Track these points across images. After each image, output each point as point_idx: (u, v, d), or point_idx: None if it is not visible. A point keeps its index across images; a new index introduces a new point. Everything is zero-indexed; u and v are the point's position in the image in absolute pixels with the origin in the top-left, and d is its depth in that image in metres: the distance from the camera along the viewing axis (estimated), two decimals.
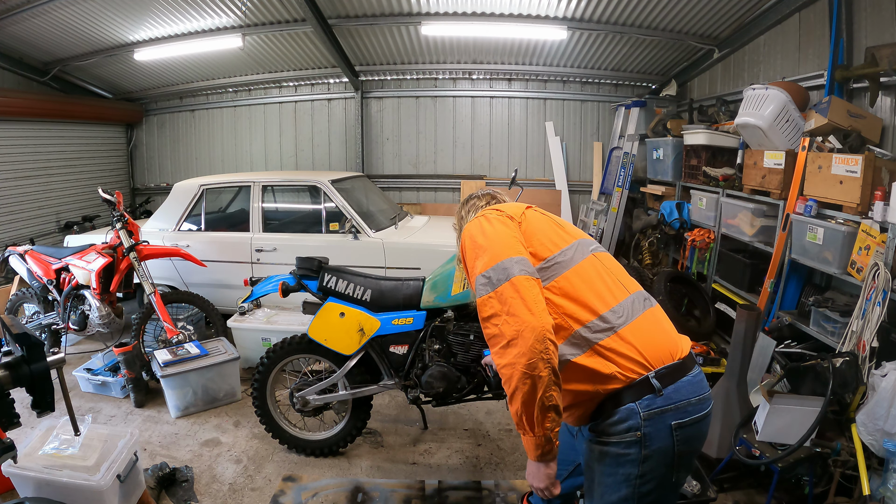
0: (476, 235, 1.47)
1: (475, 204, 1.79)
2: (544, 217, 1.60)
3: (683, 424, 1.31)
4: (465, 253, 1.49)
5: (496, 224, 1.48)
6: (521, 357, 1.24)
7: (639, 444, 1.30)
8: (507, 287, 1.31)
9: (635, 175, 5.67)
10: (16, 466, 2.12)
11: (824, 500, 2.28)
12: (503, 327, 1.29)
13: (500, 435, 3.14)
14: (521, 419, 1.28)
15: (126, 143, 7.44)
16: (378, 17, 5.17)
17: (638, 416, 1.29)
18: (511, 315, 1.28)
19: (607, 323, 1.35)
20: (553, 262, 1.43)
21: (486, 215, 1.52)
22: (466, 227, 1.55)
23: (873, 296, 2.48)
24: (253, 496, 2.59)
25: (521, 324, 1.26)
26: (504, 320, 1.29)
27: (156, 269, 4.07)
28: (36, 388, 1.28)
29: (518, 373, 1.24)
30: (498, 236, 1.43)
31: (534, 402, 1.24)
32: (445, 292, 2.59)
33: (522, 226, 1.50)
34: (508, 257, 1.36)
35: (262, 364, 2.84)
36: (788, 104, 3.41)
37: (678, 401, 1.31)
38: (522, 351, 1.24)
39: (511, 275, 1.32)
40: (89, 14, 5.00)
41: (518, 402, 1.26)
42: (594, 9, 4.80)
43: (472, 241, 1.47)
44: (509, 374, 1.26)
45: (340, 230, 4.12)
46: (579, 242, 1.51)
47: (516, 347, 1.25)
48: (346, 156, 6.86)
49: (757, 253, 3.78)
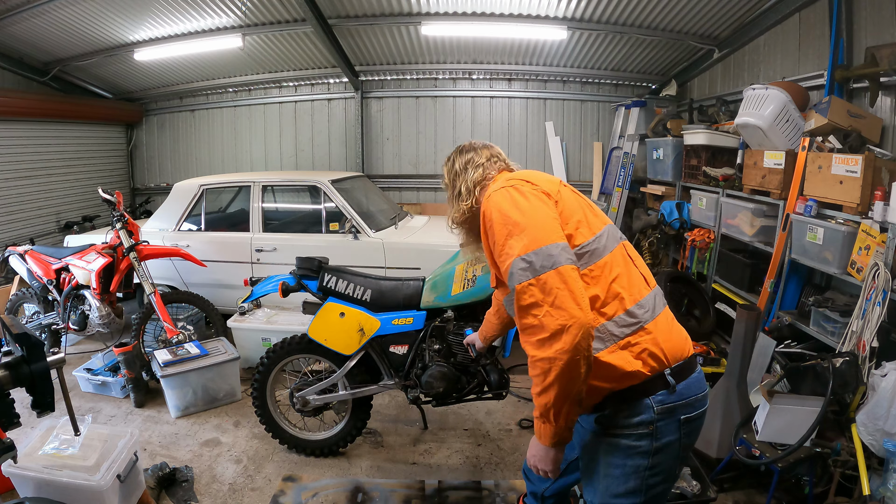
0: (508, 209, 1.31)
1: (473, 159, 1.62)
2: (577, 197, 1.47)
3: (691, 419, 1.34)
4: (492, 226, 1.34)
5: (532, 199, 1.33)
6: (564, 353, 1.17)
7: (650, 437, 1.30)
8: (552, 276, 1.21)
9: (635, 175, 5.67)
10: (16, 466, 2.12)
11: (824, 500, 2.28)
12: (545, 319, 1.19)
13: (500, 435, 3.14)
14: (549, 411, 1.25)
15: (126, 143, 7.44)
16: (378, 17, 5.17)
17: (652, 410, 1.29)
18: (556, 308, 1.19)
19: (634, 318, 1.31)
20: (588, 249, 1.34)
21: (518, 187, 1.36)
22: (493, 196, 1.38)
23: (873, 296, 2.48)
24: (253, 496, 2.59)
25: (567, 318, 1.18)
26: (547, 312, 1.19)
27: (156, 269, 4.07)
28: (36, 388, 1.28)
29: (558, 368, 1.18)
30: (537, 215, 1.30)
31: (567, 398, 1.21)
32: (445, 292, 2.59)
33: (559, 205, 1.37)
34: (553, 242, 1.25)
35: (262, 364, 2.84)
36: (788, 104, 3.41)
37: (688, 396, 1.33)
38: (566, 347, 1.17)
39: (557, 263, 1.22)
40: (89, 14, 5.00)
41: (551, 396, 1.22)
42: (594, 9, 4.79)
43: (503, 215, 1.31)
44: (546, 368, 1.20)
45: (340, 230, 4.12)
46: (609, 228, 1.42)
47: (559, 343, 1.17)
48: (346, 156, 6.86)
49: (757, 253, 3.78)
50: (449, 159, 1.70)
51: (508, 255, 1.27)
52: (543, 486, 1.74)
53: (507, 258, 1.28)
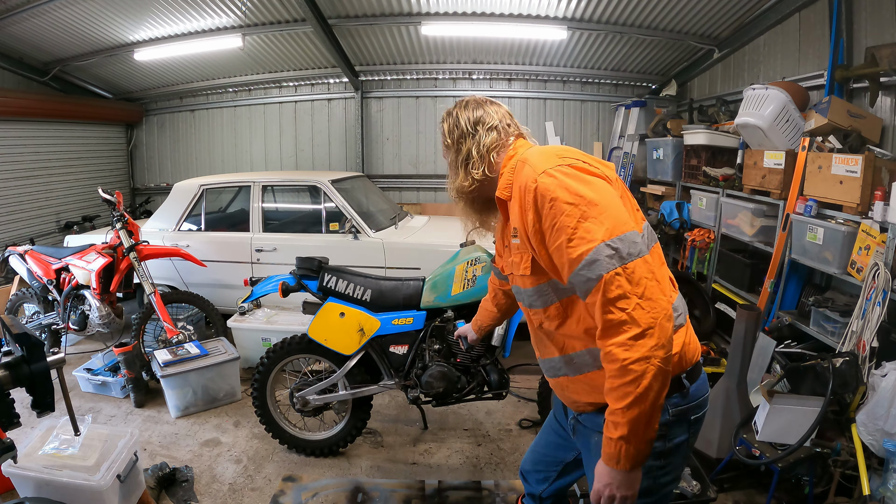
0: (580, 188, 1.16)
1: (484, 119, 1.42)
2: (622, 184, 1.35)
3: (699, 418, 1.34)
4: (553, 206, 1.16)
5: (600, 182, 1.20)
6: (659, 350, 1.07)
7: (663, 439, 1.28)
8: (640, 265, 1.11)
9: (635, 175, 5.67)
10: (16, 466, 2.12)
11: (824, 500, 2.28)
12: (636, 313, 1.08)
13: (500, 435, 3.14)
14: (639, 425, 1.10)
15: (126, 143, 7.44)
16: (378, 17, 5.17)
17: (667, 412, 1.27)
18: (647, 299, 1.09)
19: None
20: None
21: (584, 167, 1.22)
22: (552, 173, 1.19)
23: (873, 296, 2.48)
24: (253, 496, 2.59)
25: (658, 310, 1.09)
26: (637, 304, 1.08)
27: (156, 269, 4.07)
28: (36, 388, 1.28)
29: (654, 368, 1.07)
30: (613, 199, 1.18)
31: (659, 402, 1.10)
32: (445, 292, 2.59)
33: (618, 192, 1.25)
34: (633, 230, 1.14)
35: (262, 364, 2.84)
36: (788, 104, 3.41)
37: (699, 397, 1.32)
38: (661, 342, 1.08)
39: (642, 251, 1.12)
40: (89, 14, 5.00)
41: (646, 404, 1.09)
42: (594, 9, 4.79)
43: (576, 194, 1.15)
44: (642, 370, 1.07)
45: (340, 230, 4.12)
46: (647, 225, 1.32)
47: (653, 338, 1.07)
48: (346, 156, 6.86)
49: (757, 253, 3.78)
50: (450, 115, 1.48)
51: (587, 240, 1.12)
52: (541, 487, 1.73)
53: (584, 243, 1.12)
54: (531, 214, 1.21)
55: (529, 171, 1.24)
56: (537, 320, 1.41)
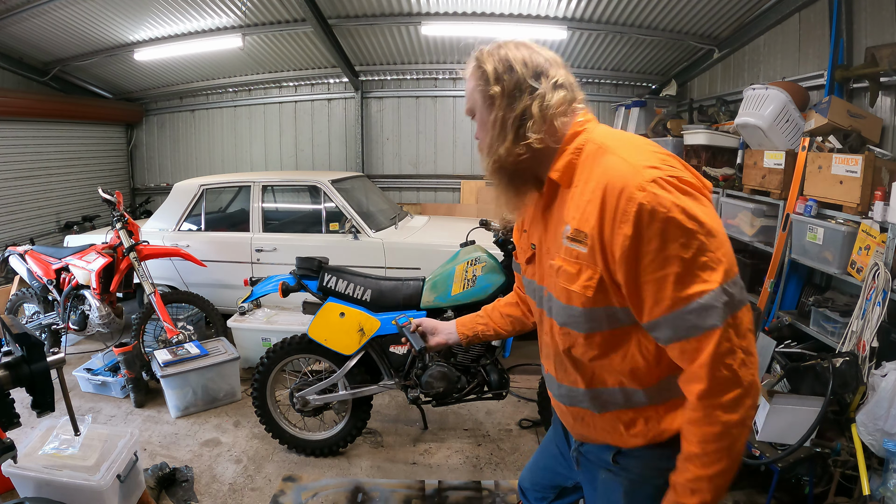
0: (697, 211, 0.92)
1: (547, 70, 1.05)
2: None
3: None
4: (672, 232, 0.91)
5: (711, 205, 0.98)
6: (752, 409, 0.96)
7: None
8: (746, 314, 0.94)
9: None
10: (16, 466, 2.12)
11: (824, 500, 2.28)
12: (742, 371, 0.93)
13: (500, 435, 3.14)
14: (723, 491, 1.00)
15: (126, 143, 7.45)
16: (378, 17, 5.17)
17: None
18: (750, 355, 0.94)
19: None
20: None
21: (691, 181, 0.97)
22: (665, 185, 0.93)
23: (873, 296, 2.48)
24: (253, 496, 2.59)
25: (756, 366, 0.95)
26: (742, 361, 0.93)
27: (156, 269, 4.07)
28: (36, 388, 1.28)
29: (748, 432, 0.97)
30: (723, 228, 0.96)
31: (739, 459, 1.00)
32: (445, 292, 2.59)
33: None
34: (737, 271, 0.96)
35: (262, 364, 2.84)
36: (788, 104, 3.40)
37: None
38: (756, 402, 0.96)
39: (745, 296, 0.96)
40: (89, 14, 5.00)
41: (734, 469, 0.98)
42: (594, 9, 4.79)
43: (693, 218, 0.91)
44: (736, 436, 0.95)
45: (340, 230, 4.12)
46: None
47: (751, 398, 0.95)
48: (346, 156, 6.86)
49: (757, 253, 3.78)
50: (490, 55, 1.06)
51: (702, 280, 0.92)
52: None
53: (700, 283, 0.92)
54: (626, 228, 0.94)
55: (626, 169, 0.96)
56: (566, 343, 1.15)
